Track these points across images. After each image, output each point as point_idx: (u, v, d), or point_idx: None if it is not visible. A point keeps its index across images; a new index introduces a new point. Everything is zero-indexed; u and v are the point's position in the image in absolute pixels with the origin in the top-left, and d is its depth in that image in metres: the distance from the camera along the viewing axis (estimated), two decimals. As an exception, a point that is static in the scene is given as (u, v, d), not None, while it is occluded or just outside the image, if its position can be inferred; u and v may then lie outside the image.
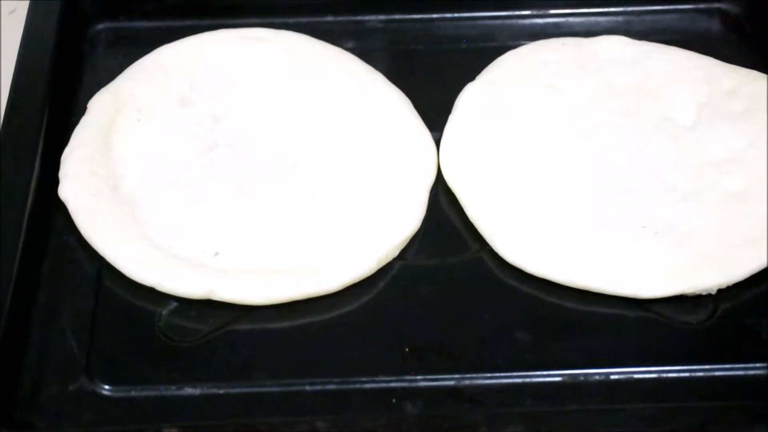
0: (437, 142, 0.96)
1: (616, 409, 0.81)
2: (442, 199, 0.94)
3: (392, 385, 0.83)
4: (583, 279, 0.87)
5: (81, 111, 0.97)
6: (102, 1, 1.06)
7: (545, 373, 0.83)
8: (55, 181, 0.92)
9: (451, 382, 0.83)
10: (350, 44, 1.05)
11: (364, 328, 0.86)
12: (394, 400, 0.82)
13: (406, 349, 0.85)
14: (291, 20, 1.06)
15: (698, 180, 0.93)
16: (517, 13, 1.07)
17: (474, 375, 0.83)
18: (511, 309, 0.87)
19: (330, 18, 1.07)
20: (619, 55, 1.02)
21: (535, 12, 1.07)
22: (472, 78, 1.00)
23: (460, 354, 0.84)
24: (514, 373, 0.83)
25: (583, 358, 0.84)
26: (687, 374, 0.83)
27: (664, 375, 0.83)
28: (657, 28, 1.06)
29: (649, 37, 1.04)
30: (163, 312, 0.87)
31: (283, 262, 0.88)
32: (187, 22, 1.06)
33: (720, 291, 0.87)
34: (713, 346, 0.85)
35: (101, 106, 0.97)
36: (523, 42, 1.04)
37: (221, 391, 0.83)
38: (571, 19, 1.07)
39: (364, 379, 0.83)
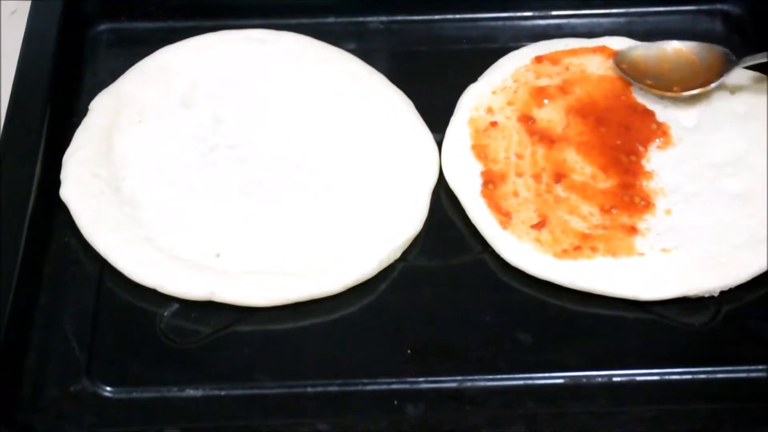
0: (439, 144, 0.96)
1: (618, 411, 0.81)
2: (443, 200, 0.94)
3: (394, 386, 0.83)
4: (585, 281, 0.87)
5: (82, 112, 0.97)
6: (103, 2, 1.06)
7: (547, 375, 0.83)
8: (57, 183, 0.92)
9: (453, 384, 0.83)
10: (352, 45, 1.04)
11: (366, 329, 0.86)
12: (395, 402, 0.82)
13: (408, 351, 0.85)
14: (292, 21, 1.06)
15: (700, 181, 0.93)
16: (519, 14, 1.07)
17: (476, 377, 0.83)
18: (512, 311, 0.87)
19: (331, 19, 1.07)
20: (620, 56, 1.02)
21: (536, 13, 1.07)
22: (474, 79, 1.00)
23: (461, 356, 0.84)
24: (516, 375, 0.83)
25: (585, 360, 0.84)
26: (689, 376, 0.83)
27: (667, 377, 0.83)
28: (659, 29, 1.06)
29: (651, 38, 1.04)
30: (165, 313, 0.87)
31: (285, 264, 0.88)
32: (189, 23, 1.05)
33: (722, 293, 0.87)
34: (715, 348, 0.85)
35: (102, 107, 0.97)
36: (524, 43, 1.04)
37: (223, 393, 0.83)
38: (573, 20, 1.07)
39: (365, 380, 0.83)
